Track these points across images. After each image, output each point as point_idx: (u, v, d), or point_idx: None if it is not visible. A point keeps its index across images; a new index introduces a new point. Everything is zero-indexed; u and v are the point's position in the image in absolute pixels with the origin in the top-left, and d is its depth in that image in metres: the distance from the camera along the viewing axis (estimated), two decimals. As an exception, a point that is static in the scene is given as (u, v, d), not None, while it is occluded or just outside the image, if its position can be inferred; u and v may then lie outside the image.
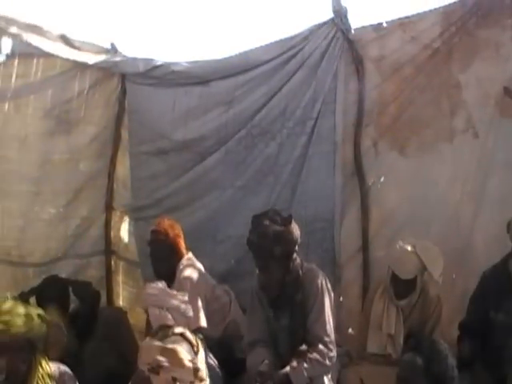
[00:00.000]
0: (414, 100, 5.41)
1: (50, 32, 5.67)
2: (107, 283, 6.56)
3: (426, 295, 5.08)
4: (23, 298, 5.28)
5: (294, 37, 5.59)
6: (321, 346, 4.55)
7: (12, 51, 5.35)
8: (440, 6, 5.22)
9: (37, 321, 4.23)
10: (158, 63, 5.87)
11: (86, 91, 5.98)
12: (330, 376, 4.65)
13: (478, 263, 5.13)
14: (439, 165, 5.40)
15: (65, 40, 5.72)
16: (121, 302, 6.65)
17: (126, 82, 6.12)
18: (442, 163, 5.40)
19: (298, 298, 4.69)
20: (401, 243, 4.98)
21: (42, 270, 6.16)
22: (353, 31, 5.41)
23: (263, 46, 5.70)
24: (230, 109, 5.79)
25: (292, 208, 5.62)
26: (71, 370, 4.28)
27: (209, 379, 3.53)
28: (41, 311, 4.63)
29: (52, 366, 4.21)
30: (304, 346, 4.59)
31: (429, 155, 5.41)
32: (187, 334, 3.43)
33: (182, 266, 5.18)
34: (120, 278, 6.66)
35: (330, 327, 4.64)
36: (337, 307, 5.13)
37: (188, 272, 5.16)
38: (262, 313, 4.85)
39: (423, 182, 5.45)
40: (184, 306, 4.73)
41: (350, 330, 5.69)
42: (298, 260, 4.72)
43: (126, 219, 6.53)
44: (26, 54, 5.57)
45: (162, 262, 5.22)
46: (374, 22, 5.46)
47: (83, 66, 5.83)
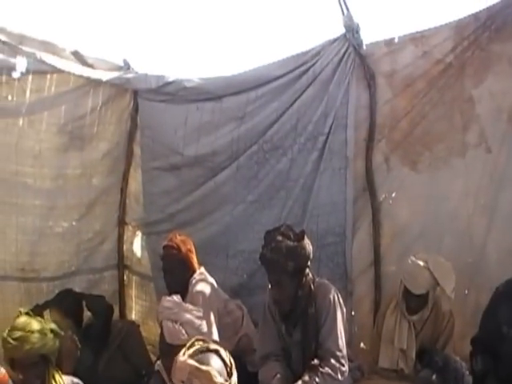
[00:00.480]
0: (426, 115, 5.40)
1: (64, 49, 5.74)
2: (120, 297, 6.60)
3: (439, 310, 5.08)
4: (37, 311, 5.30)
5: (305, 52, 5.59)
6: (333, 361, 4.57)
7: (26, 69, 5.39)
8: (452, 21, 5.19)
9: (50, 336, 4.26)
10: (170, 79, 5.89)
11: (98, 107, 6.02)
12: (341, 390, 4.65)
13: (491, 278, 5.10)
14: (451, 180, 5.39)
15: (78, 56, 5.77)
16: (133, 316, 6.67)
17: (138, 98, 6.16)
18: (455, 178, 5.38)
19: (311, 313, 4.70)
20: (413, 258, 4.98)
21: (55, 285, 6.21)
22: (364, 46, 5.39)
23: (275, 62, 5.71)
24: (242, 124, 5.81)
25: (304, 223, 5.64)
26: (84, 383, 4.31)
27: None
28: (54, 326, 4.65)
29: (65, 380, 4.25)
30: (316, 361, 4.61)
31: (441, 170, 5.40)
32: (222, 352, 3.36)
33: (194, 281, 5.21)
34: (133, 292, 6.69)
35: (342, 342, 4.65)
36: (349, 322, 5.13)
37: (200, 286, 5.19)
38: (274, 327, 4.86)
39: (435, 196, 5.44)
40: (199, 322, 4.72)
41: (362, 345, 5.70)
42: (310, 275, 4.74)
43: (139, 234, 6.55)
44: (40, 71, 5.62)
45: (174, 277, 5.25)
46: (385, 36, 5.45)
47: (96, 82, 5.87)
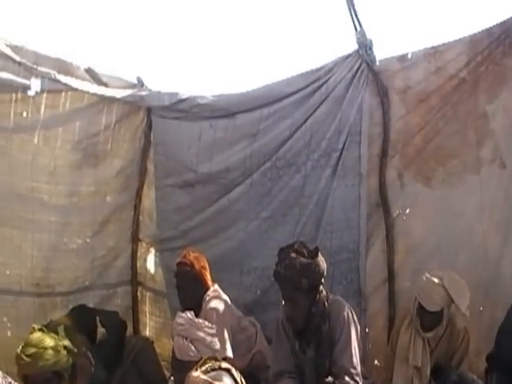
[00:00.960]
0: (439, 131, 5.39)
1: (78, 67, 5.80)
2: (133, 313, 6.60)
3: (453, 327, 5.05)
4: (51, 327, 5.33)
5: (318, 69, 5.60)
6: (347, 378, 4.55)
7: (41, 88, 5.44)
8: (466, 35, 5.19)
9: (63, 353, 4.27)
10: (184, 96, 5.93)
11: (112, 125, 6.06)
12: (356, 408, 4.63)
13: (506, 294, 5.06)
14: (465, 195, 5.36)
15: (92, 74, 5.82)
16: (147, 332, 6.67)
17: (151, 115, 6.20)
18: (469, 194, 5.36)
19: (324, 330, 4.69)
20: (428, 275, 4.96)
21: (69, 299, 6.23)
22: (378, 63, 5.39)
23: (288, 78, 5.73)
24: (255, 141, 5.83)
25: (317, 239, 5.64)
26: (98, 400, 4.33)
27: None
28: (68, 342, 4.67)
29: (79, 396, 4.26)
30: (330, 378, 4.59)
31: (455, 186, 5.38)
32: (233, 371, 3.37)
33: (208, 298, 5.22)
34: (147, 308, 6.70)
35: (356, 359, 4.64)
36: (362, 338, 5.09)
37: (214, 303, 5.20)
38: (287, 344, 4.86)
39: (449, 212, 5.41)
40: (210, 339, 4.73)
41: (376, 362, 5.66)
42: (324, 292, 4.73)
43: (152, 250, 6.57)
44: (54, 89, 5.66)
45: (187, 294, 5.27)
46: (398, 52, 5.46)
47: (110, 99, 5.91)
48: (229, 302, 5.29)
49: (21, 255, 6.02)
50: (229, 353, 4.98)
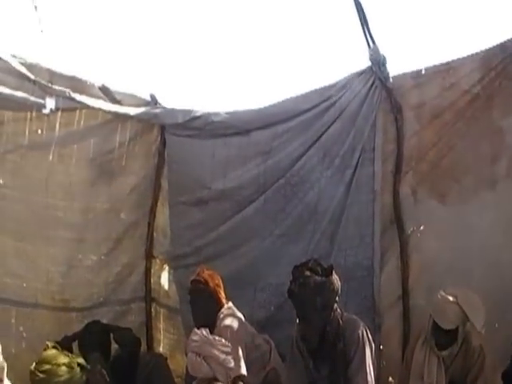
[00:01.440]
0: (453, 146, 5.39)
1: (92, 84, 5.83)
2: (147, 330, 6.58)
3: (469, 345, 5.01)
4: (66, 343, 5.36)
5: (332, 85, 5.62)
6: (362, 397, 4.54)
7: (56, 106, 5.48)
8: (479, 51, 5.20)
9: (77, 370, 4.30)
10: (197, 114, 5.93)
11: (126, 142, 6.09)
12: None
13: (521, 310, 5.05)
14: (480, 212, 5.34)
15: (106, 92, 5.85)
16: (161, 349, 6.66)
17: (165, 132, 6.19)
18: (484, 210, 5.34)
19: (339, 348, 4.67)
20: (442, 293, 4.94)
21: (84, 315, 6.25)
22: (391, 79, 5.41)
23: (301, 95, 5.74)
24: (269, 158, 5.83)
25: (331, 256, 5.65)
26: (112, 416, 4.33)
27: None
28: (81, 360, 4.69)
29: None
30: (345, 397, 4.58)
31: (469, 202, 5.37)
32: None
33: (222, 315, 5.21)
34: (161, 325, 6.69)
35: (370, 378, 4.62)
36: (377, 355, 5.08)
37: (228, 321, 5.18)
38: (301, 362, 4.84)
39: (464, 229, 5.39)
40: (224, 356, 4.72)
41: (391, 379, 5.64)
42: (339, 310, 4.72)
43: (166, 267, 6.56)
44: (69, 108, 5.70)
45: (201, 311, 5.25)
46: (412, 67, 5.48)
47: (124, 117, 5.94)
48: (243, 319, 5.27)
49: (37, 269, 6.07)
50: (243, 370, 4.95)
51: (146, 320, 6.60)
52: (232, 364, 4.80)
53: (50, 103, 5.38)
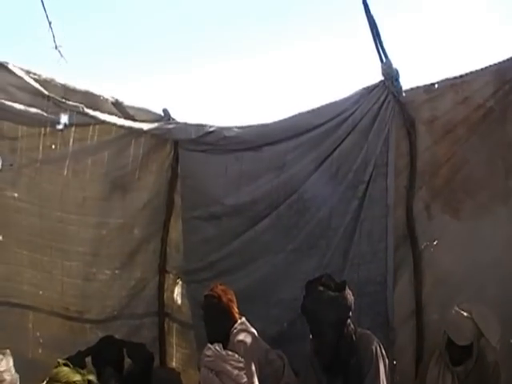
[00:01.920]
0: (467, 161, 5.37)
1: (106, 99, 5.86)
2: (160, 344, 6.57)
3: (484, 361, 4.99)
4: (79, 358, 5.37)
5: (344, 100, 5.60)
6: (375, 413, 4.52)
7: (70, 122, 5.52)
8: (493, 64, 5.19)
9: (88, 387, 4.30)
10: (210, 129, 5.90)
11: (140, 157, 6.09)
12: None
13: (536, 326, 5.01)
14: (494, 227, 5.34)
15: (119, 107, 5.87)
16: (174, 364, 6.64)
17: (178, 148, 6.18)
18: (497, 225, 5.33)
19: (352, 364, 4.67)
20: (456, 308, 4.93)
21: (98, 327, 6.31)
22: (404, 93, 5.38)
23: (314, 110, 5.71)
24: (282, 173, 5.81)
25: (344, 271, 5.62)
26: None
27: None
28: (93, 377, 4.72)
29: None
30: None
31: (483, 217, 5.36)
32: None
33: (235, 331, 5.21)
34: (173, 340, 6.67)
35: (384, 393, 4.61)
36: (390, 371, 5.05)
37: (241, 336, 5.18)
38: (315, 378, 4.83)
39: (477, 244, 5.38)
40: (237, 372, 4.73)
41: (404, 394, 5.62)
42: (352, 325, 4.71)
43: (179, 282, 6.54)
44: (82, 123, 5.74)
45: (215, 326, 5.25)
46: (424, 80, 5.45)
47: (137, 132, 5.95)
48: (256, 334, 5.26)
49: (52, 280, 6.16)
50: (256, 386, 4.96)
51: (159, 335, 6.59)
52: (245, 379, 4.80)
53: (64, 119, 5.43)
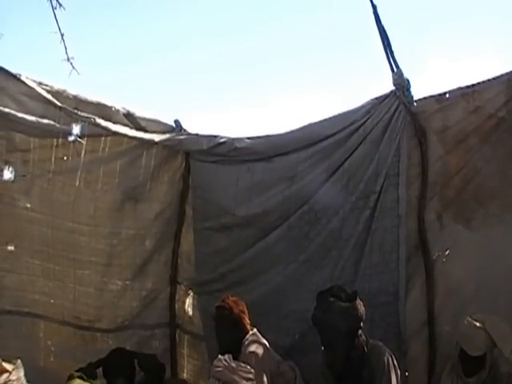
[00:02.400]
0: (479, 171, 5.33)
1: (118, 110, 5.89)
2: (172, 356, 6.58)
3: (497, 372, 4.96)
4: (90, 369, 5.39)
5: (355, 110, 5.58)
6: (387, 424, 4.51)
7: (82, 133, 5.54)
8: (504, 73, 5.15)
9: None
10: (222, 140, 5.92)
11: (151, 168, 6.12)
12: None
13: (550, 337, 4.97)
14: (506, 236, 5.28)
15: (131, 118, 5.90)
16: (185, 375, 6.65)
17: (190, 159, 6.21)
18: (510, 235, 5.27)
19: (364, 375, 4.65)
20: (469, 319, 4.90)
21: (109, 336, 6.34)
22: (415, 103, 5.37)
23: (325, 120, 5.70)
24: (293, 184, 5.80)
25: (356, 282, 5.59)
26: None
27: None
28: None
29: None
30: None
31: (496, 227, 5.31)
32: None
33: (247, 342, 5.20)
34: (185, 351, 6.67)
35: (396, 405, 4.59)
36: (403, 382, 5.02)
37: (253, 347, 5.17)
38: (327, 389, 4.81)
39: (490, 254, 5.33)
40: (245, 383, 4.72)
41: (417, 406, 5.58)
42: (363, 336, 4.70)
43: (190, 293, 6.55)
44: (94, 134, 5.77)
45: (226, 338, 5.25)
46: (435, 88, 5.44)
47: (149, 143, 5.98)
48: (267, 346, 5.25)
49: (64, 288, 6.19)
50: (267, 397, 4.95)
51: (171, 346, 6.59)
52: (254, 390, 4.80)
53: (76, 129, 5.46)
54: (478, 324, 4.86)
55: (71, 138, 5.55)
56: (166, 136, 6.00)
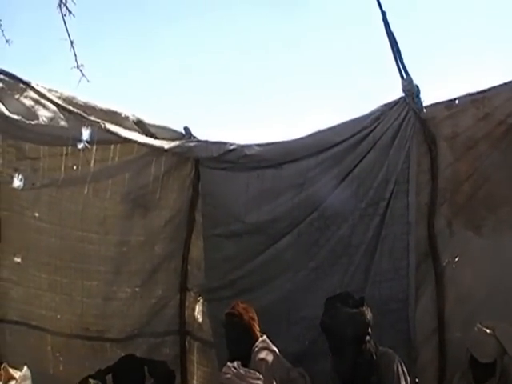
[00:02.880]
0: (489, 177, 5.34)
1: (127, 117, 5.90)
2: (181, 363, 6.57)
3: (507, 378, 4.95)
4: (100, 376, 5.39)
5: (365, 117, 5.57)
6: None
7: (91, 139, 5.55)
8: (513, 79, 5.16)
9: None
10: (231, 147, 5.89)
11: (161, 176, 6.10)
12: None
13: (561, 344, 4.95)
14: (517, 243, 5.29)
15: (141, 125, 5.90)
16: (195, 382, 6.65)
17: (199, 166, 6.17)
18: (520, 241, 5.29)
19: (373, 382, 4.65)
20: (479, 326, 4.89)
21: (118, 346, 6.33)
22: (425, 110, 5.37)
23: (334, 127, 5.70)
24: (303, 191, 5.78)
25: (366, 289, 5.59)
26: None
27: None
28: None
29: None
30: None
31: (506, 234, 5.32)
32: None
33: (257, 349, 5.20)
34: (194, 358, 6.66)
35: (406, 412, 4.58)
36: (413, 389, 5.04)
37: (263, 354, 5.17)
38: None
39: (500, 261, 5.34)
40: (252, 389, 4.72)
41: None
42: (372, 342, 4.69)
43: (200, 300, 6.54)
44: (103, 140, 5.75)
45: (236, 345, 5.25)
46: (445, 94, 5.44)
47: (159, 151, 5.95)
48: (277, 352, 5.24)
49: (71, 302, 6.20)
50: (277, 404, 4.95)
51: (180, 353, 6.59)
52: (262, 397, 4.79)
53: (86, 135, 5.47)
54: (488, 331, 4.86)
55: (80, 145, 5.55)
56: (176, 143, 5.96)
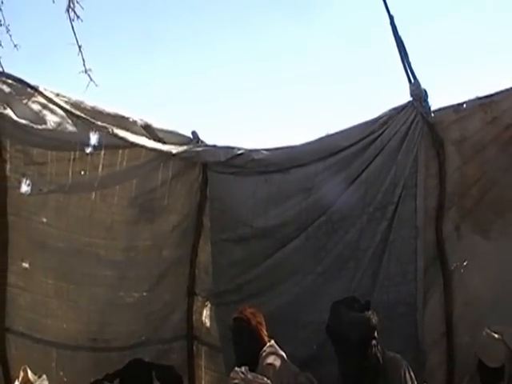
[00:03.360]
0: (497, 181, 5.32)
1: (135, 122, 5.92)
2: (189, 367, 6.58)
3: (516, 383, 4.93)
4: (108, 380, 5.39)
5: (373, 121, 5.57)
6: None
7: (99, 143, 5.56)
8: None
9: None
10: (239, 152, 5.92)
11: (169, 181, 6.10)
12: None
13: None
14: (525, 247, 5.28)
15: (149, 130, 5.91)
16: (203, 387, 6.66)
17: (207, 170, 6.20)
18: (529, 245, 5.27)
19: (380, 386, 4.64)
20: (487, 330, 4.87)
21: (125, 354, 6.23)
22: (432, 114, 5.37)
23: (342, 131, 5.71)
24: (310, 195, 5.79)
25: (374, 293, 5.58)
26: None
27: None
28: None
29: None
30: None
31: (514, 238, 5.30)
32: None
33: (264, 353, 5.18)
34: (202, 363, 6.67)
35: (414, 417, 4.57)
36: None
37: (271, 359, 5.15)
38: (342, 400, 4.80)
39: (508, 264, 5.31)
40: (259, 394, 4.71)
41: (434, 418, 5.55)
42: (379, 347, 4.68)
43: (208, 304, 6.56)
44: (111, 145, 5.77)
45: (244, 349, 5.24)
46: (452, 98, 5.44)
47: (166, 156, 5.96)
48: (285, 357, 5.23)
49: (77, 310, 6.16)
50: (285, 409, 4.94)
51: (188, 357, 6.60)
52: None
53: (93, 140, 5.47)
54: (496, 335, 4.84)
55: (88, 150, 5.56)
56: (184, 148, 6.00)
